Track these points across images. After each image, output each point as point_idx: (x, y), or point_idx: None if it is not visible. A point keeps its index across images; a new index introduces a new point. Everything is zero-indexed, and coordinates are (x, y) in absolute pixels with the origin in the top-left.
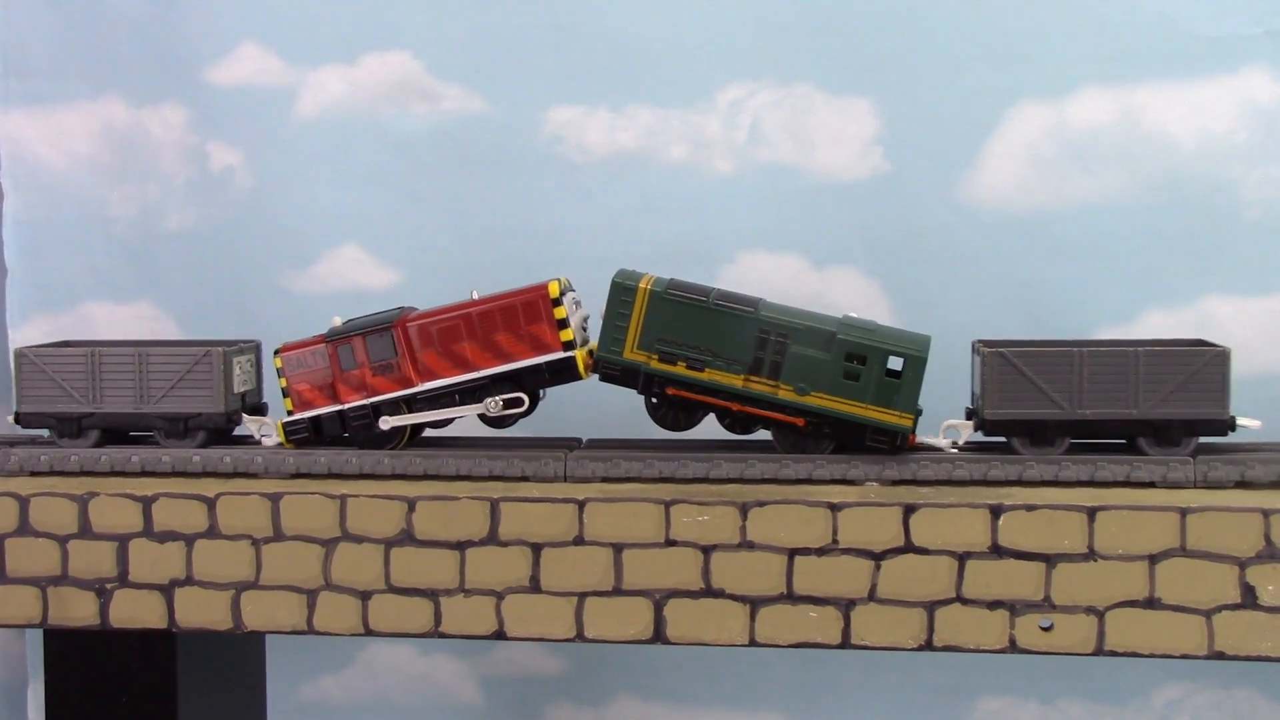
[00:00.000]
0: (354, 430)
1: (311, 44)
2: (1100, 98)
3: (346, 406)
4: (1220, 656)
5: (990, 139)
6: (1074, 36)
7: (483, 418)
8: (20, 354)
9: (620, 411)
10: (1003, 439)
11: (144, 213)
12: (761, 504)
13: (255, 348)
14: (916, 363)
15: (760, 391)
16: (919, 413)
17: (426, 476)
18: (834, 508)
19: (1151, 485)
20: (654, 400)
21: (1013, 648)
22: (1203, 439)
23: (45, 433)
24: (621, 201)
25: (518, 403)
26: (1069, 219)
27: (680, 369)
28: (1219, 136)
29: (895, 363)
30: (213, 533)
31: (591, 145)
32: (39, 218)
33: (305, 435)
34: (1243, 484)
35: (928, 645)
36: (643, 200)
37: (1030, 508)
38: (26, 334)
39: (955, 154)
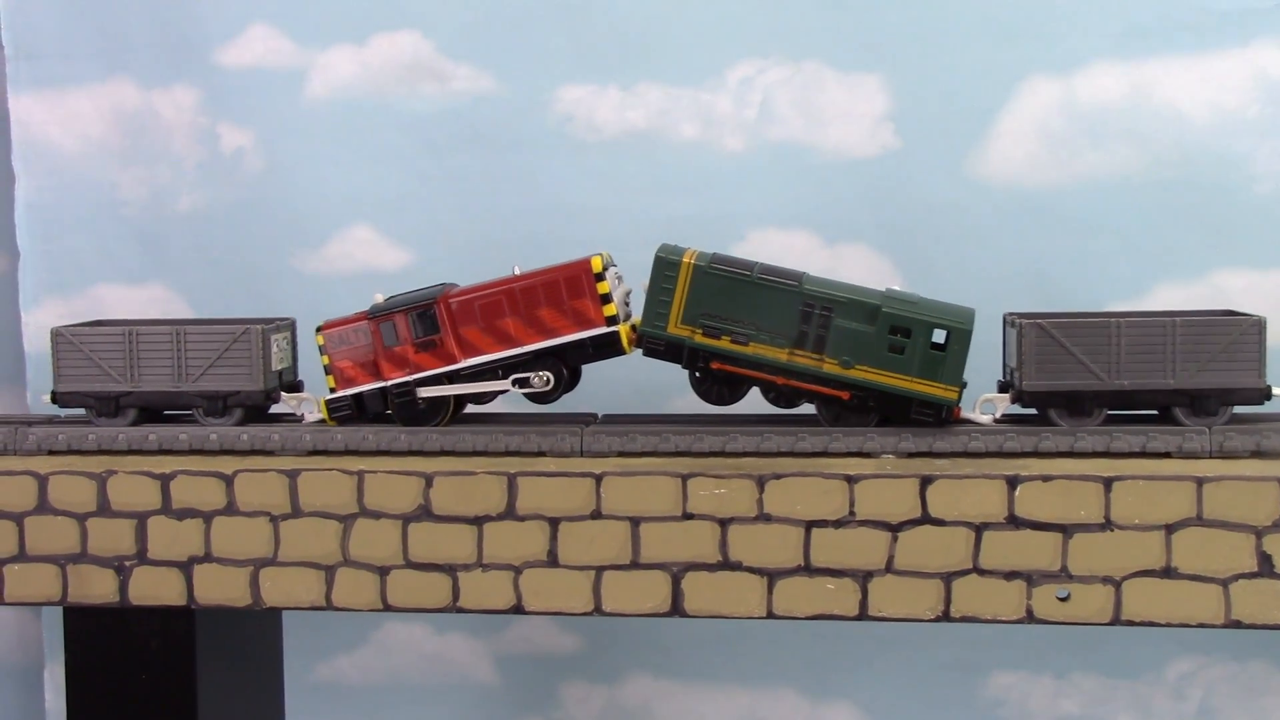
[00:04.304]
0: (397, 407)
1: (321, 25)
2: (1111, 72)
3: (389, 383)
4: (1237, 625)
5: (1000, 114)
6: (1084, 10)
7: (527, 393)
8: (57, 333)
9: (635, 387)
10: (1037, 411)
11: (155, 195)
12: (778, 476)
13: (291, 325)
14: (961, 335)
15: (805, 365)
16: (964, 385)
17: (443, 452)
18: (851, 480)
19: (1168, 455)
20: (698, 375)
21: (1030, 618)
22: (1237, 408)
23: (81, 411)
24: (632, 180)
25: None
26: (1080, 194)
27: (725, 343)
28: (1230, 110)
29: (939, 335)
30: (231, 510)
31: (602, 124)
32: (50, 201)
33: (348, 412)
34: (1258, 453)
35: (945, 616)
36: (653, 179)
37: (1047, 478)
38: (39, 317)
39: (966, 130)
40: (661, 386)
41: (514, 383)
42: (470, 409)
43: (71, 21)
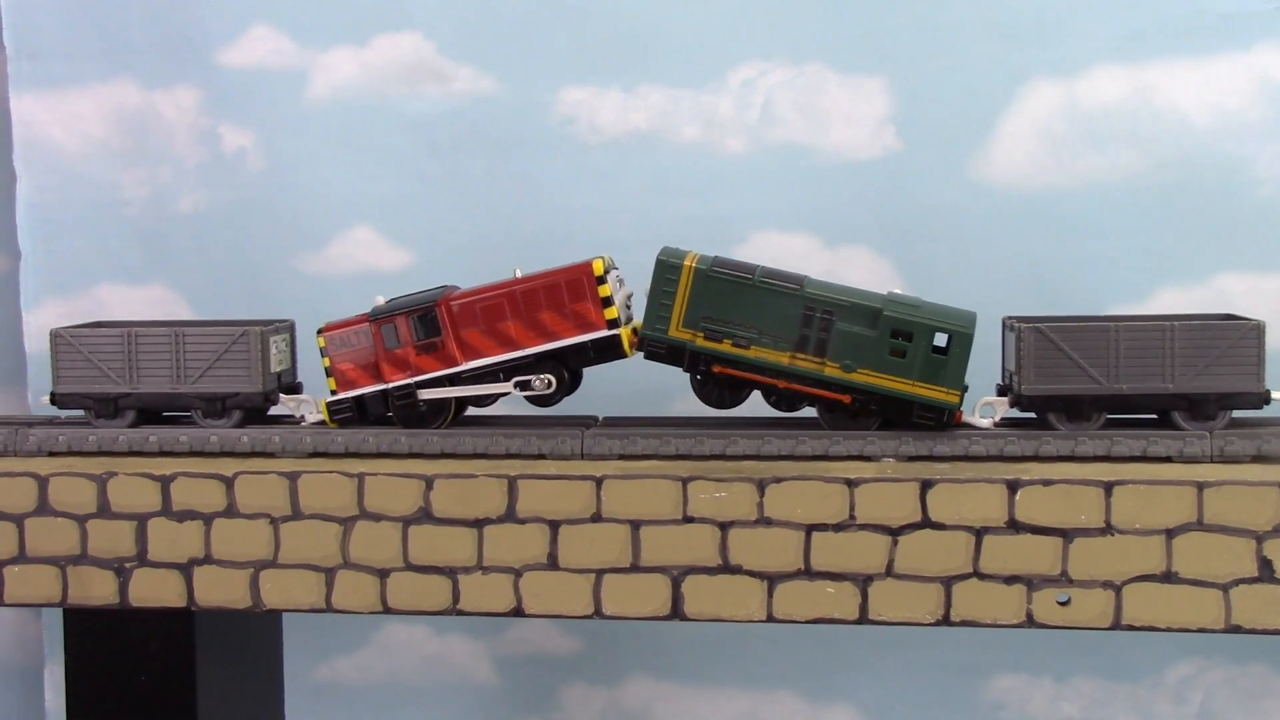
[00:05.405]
0: (398, 409)
1: (323, 25)
2: (1113, 75)
3: (390, 385)
4: (1237, 630)
5: (1002, 117)
6: (1086, 13)
7: (528, 396)
8: (56, 334)
9: (635, 390)
10: (1036, 415)
11: (156, 195)
12: (779, 480)
13: (290, 327)
14: (963, 339)
15: (806, 368)
16: (965, 389)
17: (444, 455)
18: (851, 483)
19: (1168, 460)
20: (699, 378)
21: (1030, 623)
22: (1236, 413)
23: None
24: (633, 182)
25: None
26: (1081, 197)
27: (726, 346)
28: (1232, 113)
29: (941, 339)
30: (231, 512)
31: (603, 125)
32: (52, 201)
33: (349, 415)
34: (1259, 458)
35: (945, 620)
36: (655, 180)
37: (1047, 483)
38: (40, 317)
39: (967, 132)
40: (662, 389)
41: (516, 385)
42: (471, 411)
43: (73, 21)
